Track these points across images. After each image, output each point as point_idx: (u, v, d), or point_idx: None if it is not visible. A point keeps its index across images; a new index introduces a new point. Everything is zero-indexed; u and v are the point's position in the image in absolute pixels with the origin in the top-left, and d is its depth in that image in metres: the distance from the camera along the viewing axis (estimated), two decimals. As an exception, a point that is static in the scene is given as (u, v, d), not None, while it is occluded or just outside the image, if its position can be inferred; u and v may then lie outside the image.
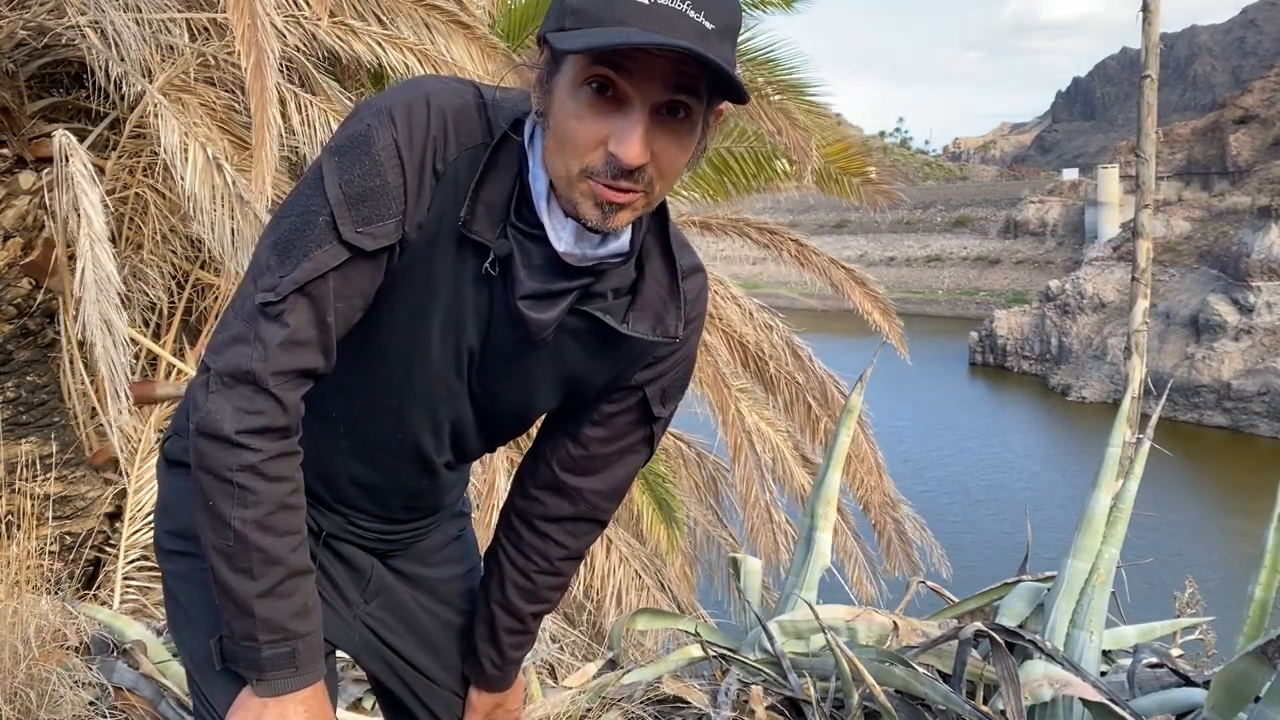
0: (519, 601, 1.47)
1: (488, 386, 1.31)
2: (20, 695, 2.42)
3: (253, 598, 1.18)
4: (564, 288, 1.22)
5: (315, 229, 1.16)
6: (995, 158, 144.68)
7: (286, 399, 1.18)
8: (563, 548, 1.45)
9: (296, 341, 1.17)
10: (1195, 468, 37.45)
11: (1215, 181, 63.92)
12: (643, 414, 1.38)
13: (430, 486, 1.42)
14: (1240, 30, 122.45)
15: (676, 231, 1.34)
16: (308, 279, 1.15)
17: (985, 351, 59.34)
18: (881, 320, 8.36)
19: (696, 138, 1.16)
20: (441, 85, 1.22)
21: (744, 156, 7.67)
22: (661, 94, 1.10)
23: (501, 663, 1.51)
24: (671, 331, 1.31)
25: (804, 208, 69.97)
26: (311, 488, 1.36)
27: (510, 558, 1.46)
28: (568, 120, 1.12)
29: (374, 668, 1.50)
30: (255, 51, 4.26)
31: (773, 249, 8.22)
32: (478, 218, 1.21)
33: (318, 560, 1.40)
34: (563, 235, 1.20)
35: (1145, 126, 4.48)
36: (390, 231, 1.18)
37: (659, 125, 1.11)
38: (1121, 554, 2.53)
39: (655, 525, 7.23)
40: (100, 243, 4.09)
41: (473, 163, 1.20)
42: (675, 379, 1.39)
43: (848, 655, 2.35)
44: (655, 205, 1.20)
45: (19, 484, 4.49)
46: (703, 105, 1.14)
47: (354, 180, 1.16)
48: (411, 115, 1.17)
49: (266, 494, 1.18)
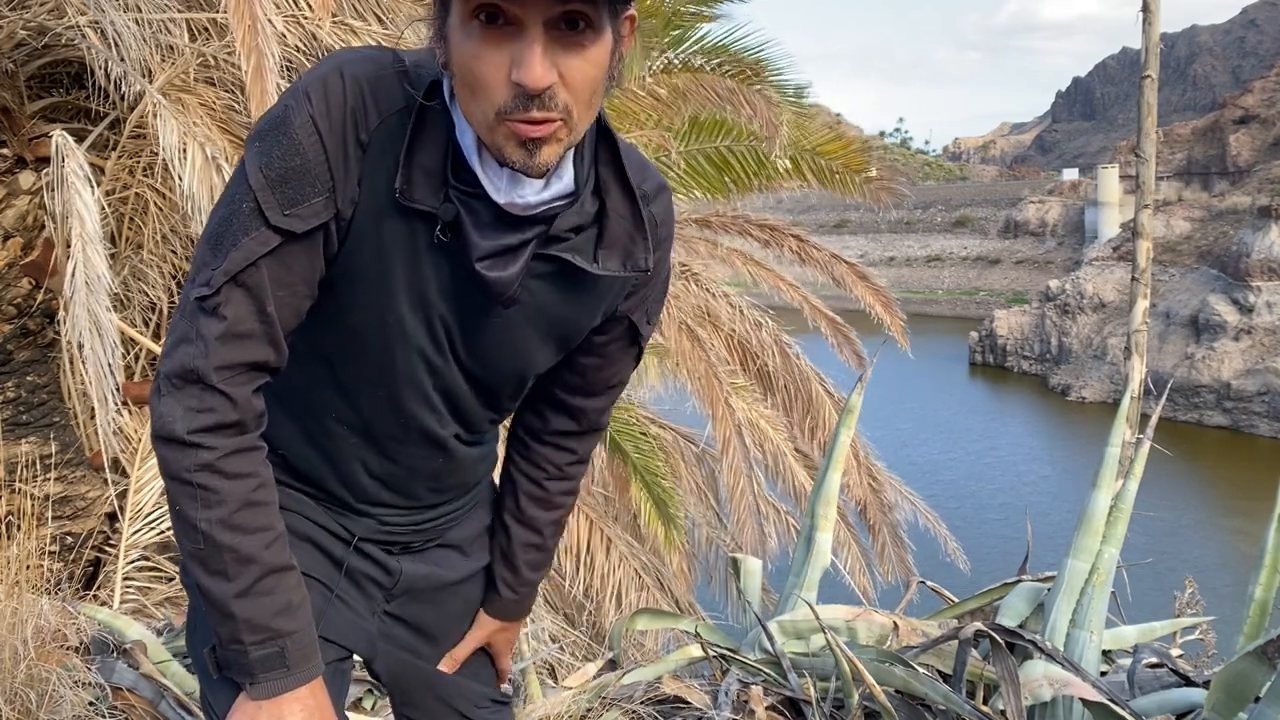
0: (534, 510, 1.49)
1: (475, 354, 1.29)
2: (20, 695, 2.42)
3: (230, 599, 1.16)
4: (519, 240, 1.19)
5: (241, 217, 1.13)
6: (995, 158, 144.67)
7: (235, 394, 1.15)
8: (571, 453, 1.48)
9: (236, 334, 1.14)
10: (1195, 468, 37.45)
11: (1215, 181, 63.95)
12: (631, 337, 1.40)
13: (449, 465, 1.39)
14: (1240, 30, 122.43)
15: (632, 154, 1.29)
16: (238, 268, 1.13)
17: (985, 351, 59.37)
18: (884, 313, 8.37)
19: (608, 50, 1.11)
20: (356, 55, 1.19)
21: (744, 155, 7.67)
22: (551, 7, 1.04)
23: (516, 583, 1.50)
24: (642, 264, 1.29)
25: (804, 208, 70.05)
26: (335, 493, 1.36)
27: (522, 469, 1.49)
28: (467, 61, 1.08)
29: (389, 667, 1.46)
30: (255, 55, 4.25)
31: (773, 245, 8.23)
32: (415, 185, 1.17)
33: (346, 566, 1.38)
34: (500, 185, 1.16)
35: (1145, 126, 4.47)
36: (319, 210, 1.14)
37: (559, 42, 1.06)
38: (1121, 554, 2.53)
39: (653, 522, 7.23)
40: (92, 243, 4.08)
41: (399, 128, 1.16)
42: (655, 298, 1.40)
43: (848, 655, 2.35)
44: (580, 132, 1.14)
45: (19, 484, 4.48)
46: (602, 8, 1.07)
47: (273, 162, 1.13)
48: (327, 89, 1.14)
49: (228, 492, 1.15)
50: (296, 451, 1.33)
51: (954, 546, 8.23)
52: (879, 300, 8.37)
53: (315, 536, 1.36)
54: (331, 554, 1.38)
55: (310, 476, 1.35)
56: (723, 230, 8.18)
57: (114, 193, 5.17)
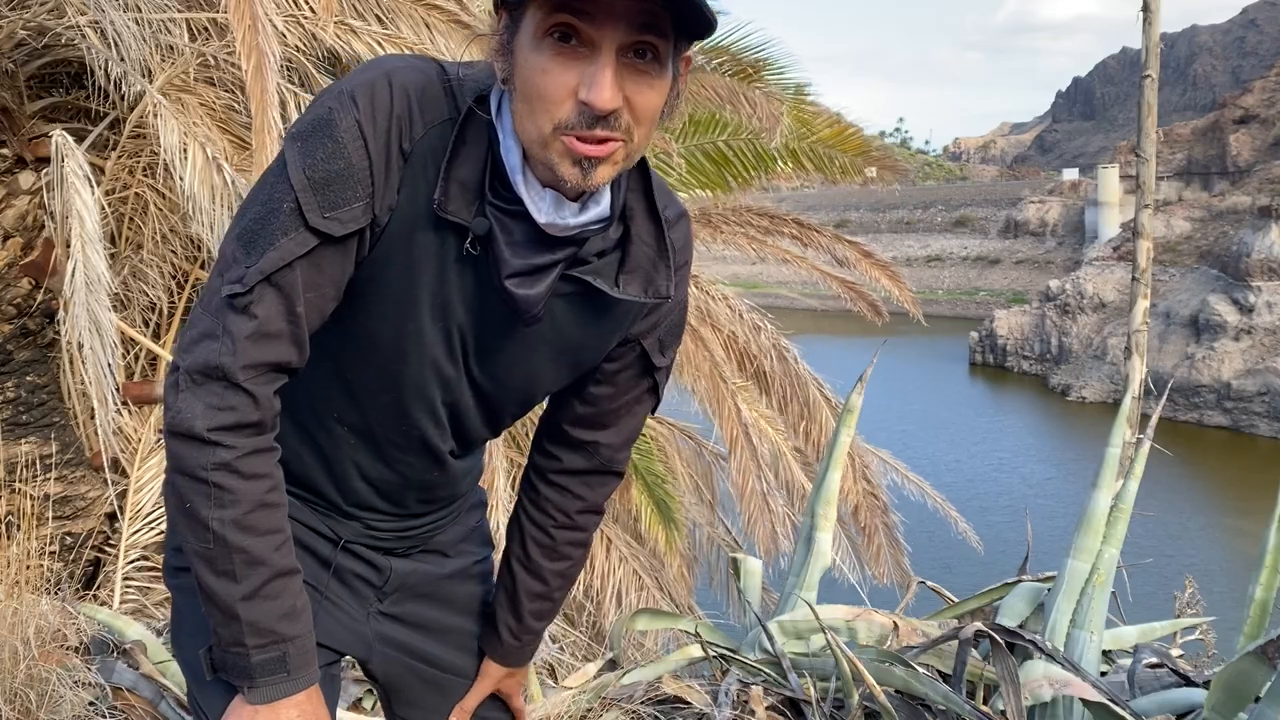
0: (540, 559, 1.45)
1: (488, 369, 1.29)
2: (20, 695, 2.42)
3: (236, 601, 1.15)
4: (549, 260, 1.19)
5: (280, 216, 1.13)
6: (995, 158, 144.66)
7: (258, 393, 1.14)
8: (580, 499, 1.44)
9: (266, 334, 1.14)
10: (1195, 468, 37.44)
11: (1215, 181, 63.92)
12: (644, 366, 1.38)
13: (442, 477, 1.39)
14: (1240, 30, 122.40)
15: (659, 182, 1.30)
16: (274, 268, 1.12)
17: (985, 351, 59.33)
18: (891, 286, 8.36)
19: (669, 80, 1.13)
20: (404, 63, 1.19)
21: (743, 149, 7.67)
22: (627, 35, 1.06)
23: (519, 630, 1.48)
24: (663, 291, 1.29)
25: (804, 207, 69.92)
26: (325, 494, 1.35)
27: (530, 515, 1.46)
28: (534, 76, 1.09)
29: (387, 668, 1.46)
30: (256, 55, 4.25)
31: (773, 233, 8.23)
32: (452, 197, 1.17)
33: (334, 567, 1.38)
34: (542, 206, 1.16)
35: (1145, 126, 4.47)
36: (358, 215, 1.15)
37: (628, 69, 1.08)
38: (1121, 554, 2.53)
39: (654, 526, 7.23)
40: (92, 243, 4.08)
41: (441, 140, 1.17)
42: (671, 327, 1.38)
43: (848, 655, 2.35)
44: (635, 158, 1.17)
45: (19, 484, 4.48)
46: (670, 44, 1.11)
47: (317, 164, 1.12)
48: (374, 95, 1.14)
49: (244, 492, 1.15)
50: (290, 448, 1.32)
51: (964, 527, 8.22)
52: (885, 274, 8.36)
53: (302, 537, 1.35)
54: (319, 554, 1.37)
55: (301, 476, 1.35)
56: (724, 222, 8.17)
57: (114, 193, 5.16)
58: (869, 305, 8.56)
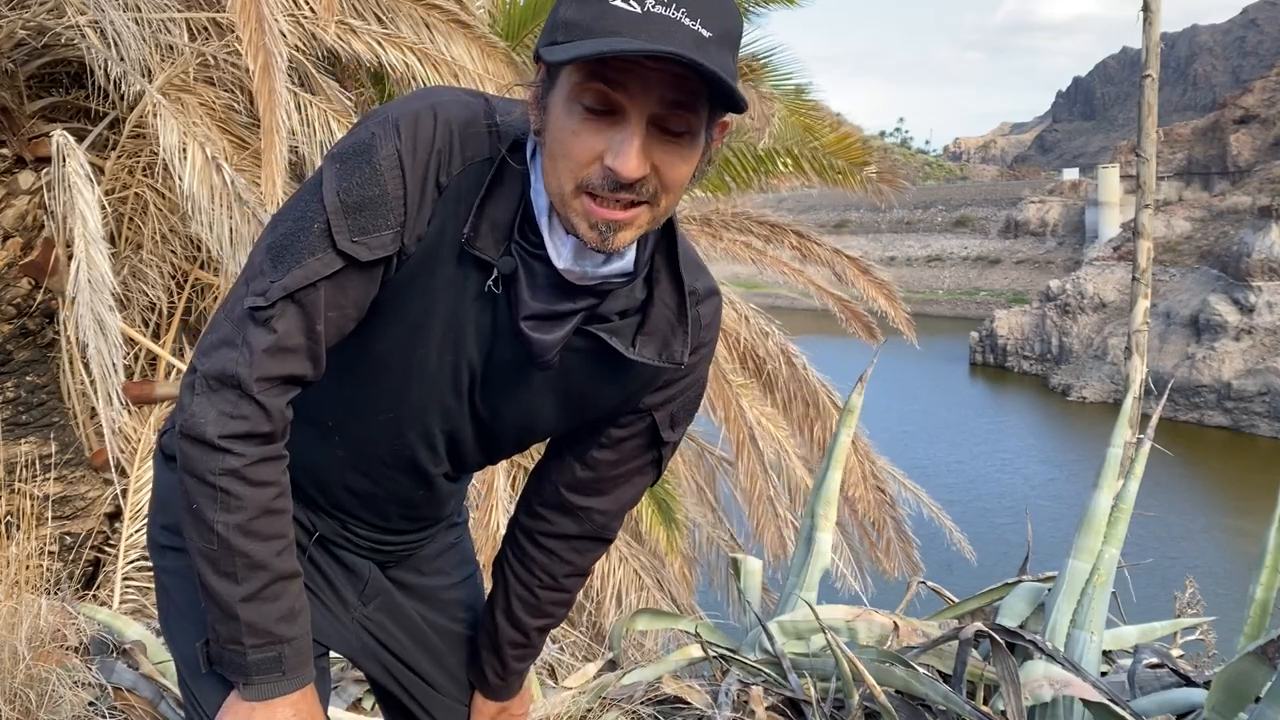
0: (523, 615, 1.46)
1: (491, 405, 1.29)
2: (20, 696, 2.42)
3: (236, 602, 1.17)
4: (569, 309, 1.20)
5: (310, 235, 1.14)
6: (995, 158, 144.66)
7: (271, 405, 1.16)
8: (568, 564, 1.44)
9: (284, 348, 1.15)
10: (1196, 468, 37.44)
11: (1215, 181, 63.94)
12: (651, 438, 1.36)
13: (427, 498, 1.40)
14: (1240, 30, 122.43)
15: (687, 251, 1.30)
16: (298, 286, 1.14)
17: (985, 351, 59.34)
18: (887, 306, 8.35)
19: (699, 150, 1.13)
20: (451, 97, 1.20)
21: (743, 151, 7.67)
22: (658, 106, 1.06)
23: (504, 673, 1.50)
24: (678, 357, 1.28)
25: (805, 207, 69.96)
26: (307, 492, 1.36)
27: (515, 573, 1.45)
28: (563, 136, 1.09)
29: (372, 671, 1.48)
30: (263, 54, 4.25)
31: (773, 242, 8.23)
32: (481, 234, 1.18)
33: (312, 558, 1.39)
34: (563, 252, 1.17)
35: (1145, 126, 4.48)
36: (387, 243, 1.15)
37: (658, 139, 1.08)
38: (1122, 554, 2.53)
39: (655, 526, 7.22)
40: (95, 243, 4.09)
41: (478, 178, 1.18)
42: (685, 403, 1.36)
43: (848, 655, 2.35)
44: (660, 222, 1.16)
45: (19, 484, 4.48)
46: (703, 118, 1.10)
47: (352, 188, 1.14)
48: (418, 126, 1.15)
49: (250, 499, 1.16)
50: None
51: (959, 537, 8.22)
52: (882, 293, 8.36)
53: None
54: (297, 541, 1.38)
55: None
56: (723, 228, 8.17)
57: (113, 192, 5.16)
58: (863, 326, 8.52)
